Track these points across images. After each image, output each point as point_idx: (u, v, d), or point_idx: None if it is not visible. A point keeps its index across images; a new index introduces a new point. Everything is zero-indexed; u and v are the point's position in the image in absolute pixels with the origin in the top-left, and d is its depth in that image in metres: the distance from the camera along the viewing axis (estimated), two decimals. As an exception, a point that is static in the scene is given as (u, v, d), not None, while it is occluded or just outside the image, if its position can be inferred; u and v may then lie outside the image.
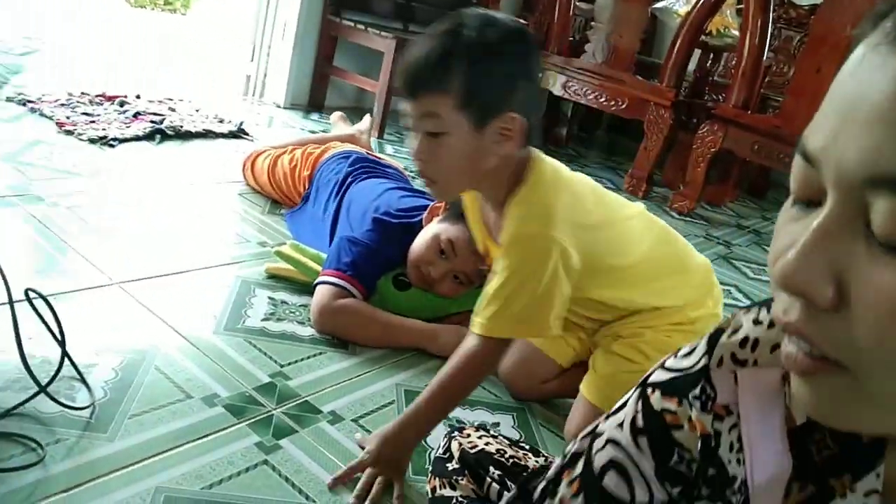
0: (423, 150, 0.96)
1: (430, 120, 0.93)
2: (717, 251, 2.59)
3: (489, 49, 0.91)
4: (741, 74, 2.86)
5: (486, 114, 0.93)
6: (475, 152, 0.95)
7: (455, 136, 0.93)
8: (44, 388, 0.98)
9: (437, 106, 0.92)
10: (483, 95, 0.92)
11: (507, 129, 0.94)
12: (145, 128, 2.28)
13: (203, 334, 1.27)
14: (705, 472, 0.48)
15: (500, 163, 0.98)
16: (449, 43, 0.92)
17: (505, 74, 0.93)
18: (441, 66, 0.91)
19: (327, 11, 3.22)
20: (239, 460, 0.99)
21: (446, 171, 0.97)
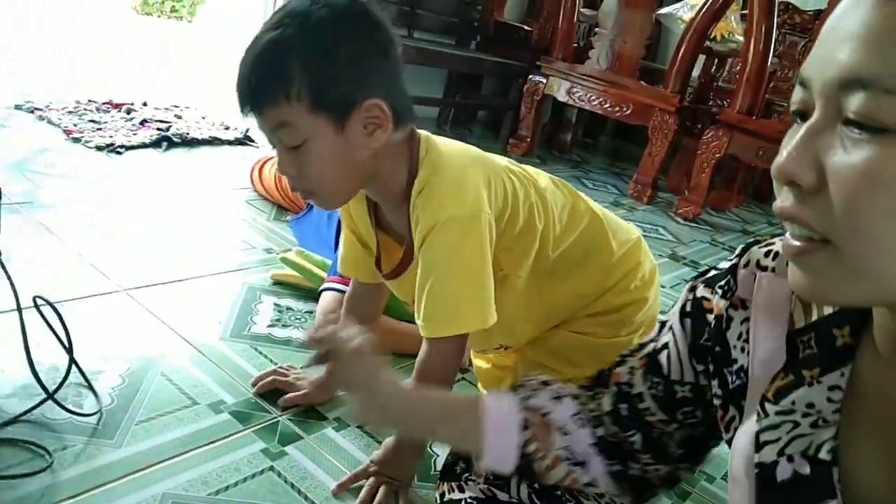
0: (289, 163, 0.86)
1: (285, 130, 0.84)
2: (723, 256, 2.59)
3: (324, 34, 0.81)
4: (746, 80, 2.87)
5: (343, 110, 0.83)
6: (345, 152, 0.85)
7: (316, 141, 0.83)
8: (51, 395, 0.99)
9: (286, 115, 0.82)
10: (333, 91, 0.82)
11: (372, 118, 0.85)
12: (152, 135, 2.29)
13: (209, 341, 1.27)
14: (713, 347, 0.60)
15: (379, 154, 0.88)
16: (279, 43, 0.81)
17: (350, 60, 0.82)
18: (277, 73, 0.81)
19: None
20: (245, 467, 0.99)
21: (321, 180, 0.88)
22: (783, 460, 0.50)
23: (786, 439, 0.50)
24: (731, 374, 0.58)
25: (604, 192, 3.21)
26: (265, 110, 0.83)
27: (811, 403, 0.50)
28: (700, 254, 2.55)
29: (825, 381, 0.50)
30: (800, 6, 3.92)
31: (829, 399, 0.49)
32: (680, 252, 2.52)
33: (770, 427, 0.51)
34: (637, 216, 2.89)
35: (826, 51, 0.42)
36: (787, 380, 0.52)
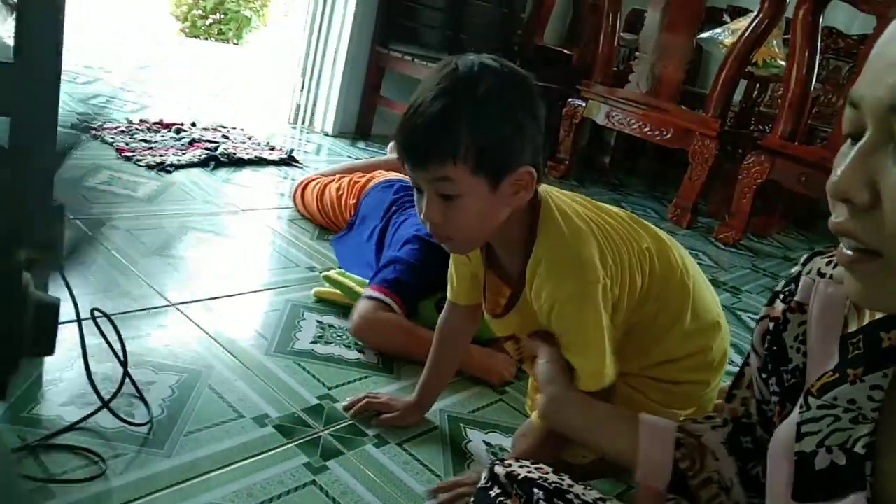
0: (438, 211, 0.91)
1: (444, 183, 0.89)
2: (764, 283, 2.56)
3: (492, 105, 0.88)
4: (788, 105, 2.84)
5: (501, 173, 0.89)
6: (491, 209, 0.92)
7: (470, 198, 0.90)
8: (106, 404, 1.03)
9: (450, 172, 0.88)
10: (495, 156, 0.88)
11: (522, 182, 0.92)
12: (200, 154, 2.36)
13: (254, 355, 1.31)
14: (771, 348, 0.64)
15: (517, 209, 0.96)
16: (450, 105, 0.87)
17: (513, 128, 0.89)
18: (448, 135, 0.87)
19: (376, 43, 3.30)
20: (288, 480, 1.02)
21: (464, 230, 0.94)
22: (822, 451, 0.53)
23: (826, 432, 0.54)
24: (787, 372, 0.62)
25: (643, 215, 3.18)
26: (430, 167, 0.89)
27: (853, 400, 0.53)
28: (741, 280, 2.53)
29: (868, 381, 0.53)
30: (844, 31, 3.88)
31: (871, 398, 0.52)
32: (720, 278, 2.50)
33: (811, 420, 0.55)
34: (676, 240, 2.86)
35: (875, 74, 0.45)
36: (833, 377, 0.55)
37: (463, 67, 0.89)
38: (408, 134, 0.90)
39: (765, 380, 0.66)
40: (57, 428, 1.00)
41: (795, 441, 0.55)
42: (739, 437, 0.72)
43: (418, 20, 3.44)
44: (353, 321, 1.43)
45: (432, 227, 0.94)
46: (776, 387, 0.64)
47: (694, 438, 0.73)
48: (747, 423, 0.72)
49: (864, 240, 0.46)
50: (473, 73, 0.88)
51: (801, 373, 0.61)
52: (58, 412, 1.04)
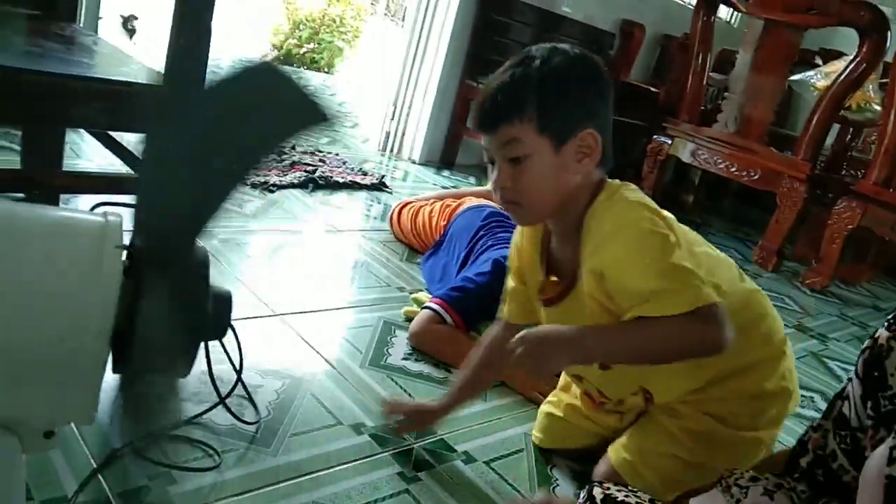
0: (507, 176, 0.98)
1: (513, 145, 0.96)
2: (853, 332, 2.49)
3: (559, 73, 0.96)
4: (884, 151, 2.78)
5: (565, 132, 0.96)
6: (558, 171, 0.97)
7: (538, 157, 0.96)
8: (223, 400, 1.12)
9: (517, 132, 0.95)
10: (559, 116, 0.95)
11: (585, 147, 0.97)
12: (300, 176, 2.49)
13: (350, 367, 1.38)
14: (871, 373, 0.65)
15: (580, 182, 0.99)
16: (519, 73, 0.96)
17: (577, 95, 0.97)
18: (516, 96, 0.95)
19: (465, 76, 3.40)
20: (384, 486, 1.07)
21: (532, 193, 0.98)
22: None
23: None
24: (885, 398, 0.65)
25: (725, 256, 3.16)
26: (500, 127, 0.96)
27: None
28: (828, 327, 2.47)
29: None
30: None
31: None
32: (807, 323, 2.45)
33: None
34: (761, 283, 2.82)
35: None
36: None
37: (535, 49, 0.98)
38: (480, 102, 0.98)
39: (863, 405, 0.68)
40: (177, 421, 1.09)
41: (887, 465, 0.57)
42: (814, 469, 0.74)
43: (508, 55, 3.51)
44: (410, 328, 1.54)
45: (503, 195, 1.00)
46: (871, 411, 0.66)
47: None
48: (821, 456, 0.73)
49: None
50: (542, 51, 0.97)
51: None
52: (176, 407, 1.13)
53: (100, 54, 1.28)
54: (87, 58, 1.25)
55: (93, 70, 1.18)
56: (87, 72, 1.14)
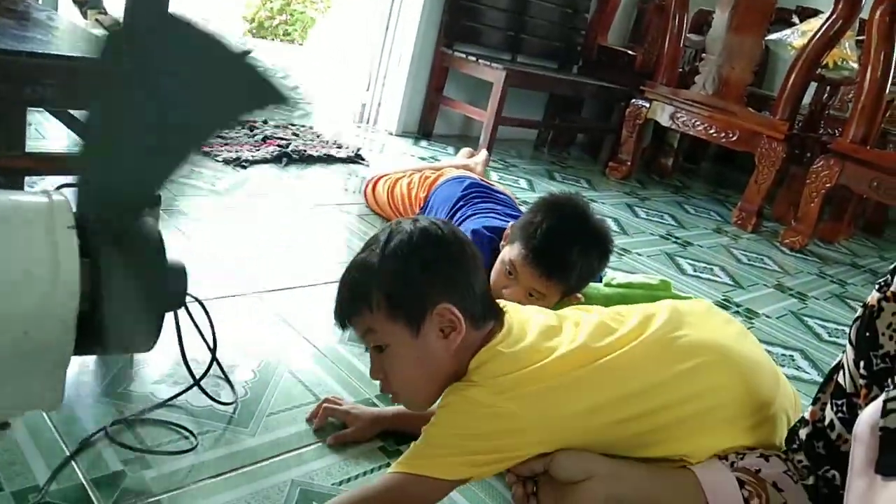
0: (377, 367, 0.98)
1: (370, 335, 0.95)
2: (831, 290, 2.51)
3: (397, 256, 0.93)
4: (860, 108, 2.78)
5: (417, 315, 0.92)
6: (424, 355, 0.94)
7: (397, 345, 0.93)
8: (197, 382, 1.10)
9: (370, 322, 0.94)
10: (406, 300, 0.92)
11: (446, 323, 0.93)
12: (273, 151, 2.45)
13: (329, 343, 1.37)
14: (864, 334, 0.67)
15: (459, 354, 0.94)
16: (361, 264, 0.96)
17: (420, 274, 0.93)
18: (360, 288, 0.94)
19: (441, 44, 3.35)
20: (364, 461, 1.07)
21: (404, 381, 0.97)
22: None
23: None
24: (877, 357, 0.66)
25: (706, 218, 3.17)
26: (352, 320, 0.96)
27: None
28: (807, 286, 2.49)
29: None
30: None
31: None
32: (786, 283, 2.46)
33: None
34: (741, 244, 2.84)
35: None
36: None
37: (380, 231, 0.98)
38: (336, 302, 0.98)
39: (856, 367, 0.68)
40: (151, 404, 1.07)
41: (881, 417, 0.57)
42: (814, 441, 0.74)
43: (482, 21, 3.47)
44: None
45: (382, 387, 1.00)
46: (864, 370, 0.67)
47: (751, 475, 0.74)
48: (821, 428, 0.74)
49: None
50: (384, 233, 0.96)
51: (892, 359, 0.64)
52: (150, 389, 1.11)
53: (56, 30, 1.24)
54: (43, 34, 1.20)
55: (48, 47, 1.13)
56: (41, 48, 1.09)
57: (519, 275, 1.43)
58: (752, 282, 2.38)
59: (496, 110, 3.16)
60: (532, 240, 1.39)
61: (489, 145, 3.14)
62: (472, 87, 3.47)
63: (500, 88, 3.14)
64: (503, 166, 3.21)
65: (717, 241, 2.80)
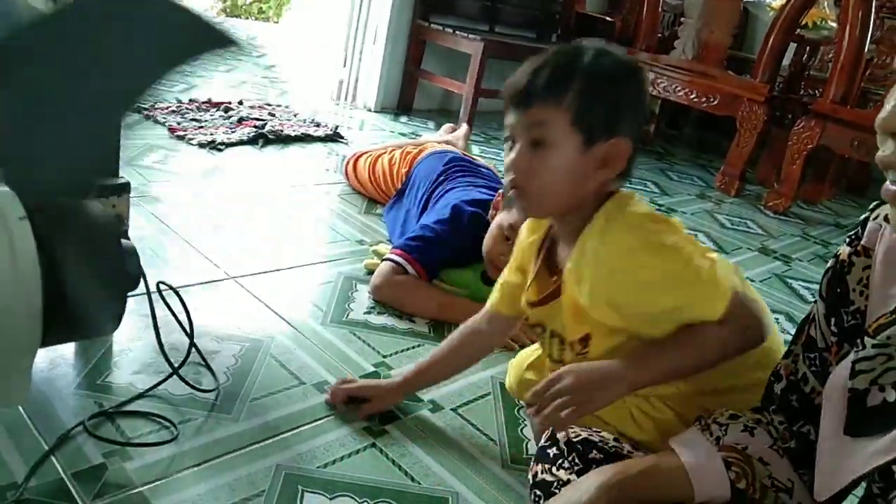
0: (524, 160, 0.91)
1: (541, 128, 0.90)
2: (815, 251, 2.52)
3: (605, 73, 0.91)
4: (840, 68, 2.77)
5: (598, 133, 0.90)
6: (577, 171, 0.91)
7: (562, 149, 0.90)
8: (176, 371, 1.08)
9: (550, 117, 0.89)
10: (598, 115, 0.90)
11: (613, 155, 0.91)
12: (249, 132, 2.41)
13: (311, 325, 1.35)
14: (834, 290, 0.66)
15: (595, 189, 0.94)
16: (567, 61, 0.91)
17: (620, 101, 0.92)
18: (560, 80, 0.90)
19: (416, 16, 3.30)
20: (349, 442, 1.06)
21: (544, 184, 0.92)
22: (874, 388, 0.55)
23: (879, 370, 0.56)
24: (848, 314, 0.65)
25: (689, 184, 3.16)
26: (534, 106, 0.90)
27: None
28: (791, 248, 2.49)
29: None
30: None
31: None
32: (770, 245, 2.46)
33: (865, 358, 0.57)
34: (725, 209, 2.84)
35: None
36: (889, 318, 0.57)
37: (586, 44, 0.94)
38: (519, 76, 0.92)
39: (827, 323, 0.67)
40: (130, 395, 1.06)
41: (849, 378, 0.57)
42: (788, 395, 0.73)
43: (458, -8, 3.42)
44: (371, 282, 1.51)
45: (513, 179, 0.93)
46: (835, 327, 0.66)
47: (738, 453, 0.73)
48: (794, 381, 0.73)
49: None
50: (594, 49, 0.92)
51: (862, 315, 0.63)
52: (129, 380, 1.10)
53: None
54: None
55: None
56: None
57: None
58: (736, 246, 2.38)
59: (475, 82, 3.13)
60: None
61: (469, 118, 3.11)
62: (450, 59, 3.42)
63: (479, 60, 3.10)
64: (485, 139, 3.18)
65: (700, 206, 2.80)
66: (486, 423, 1.17)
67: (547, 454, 0.92)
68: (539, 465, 0.93)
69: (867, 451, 0.54)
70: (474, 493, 1.01)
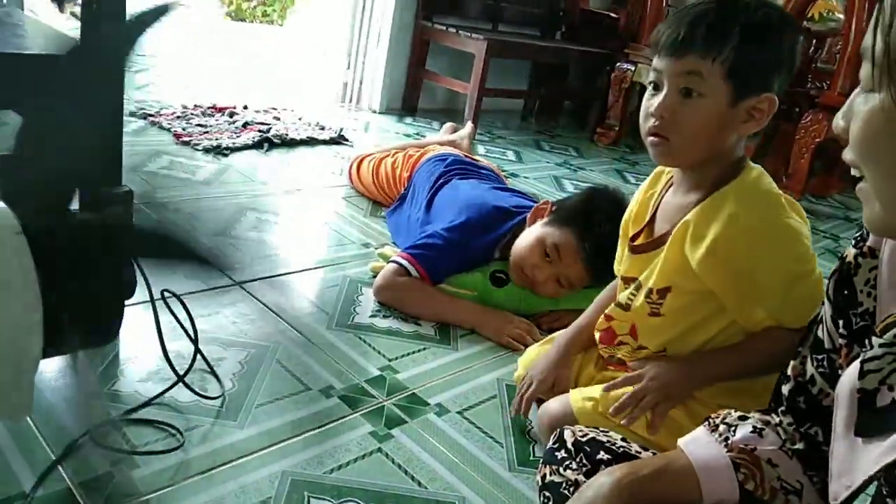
0: (671, 106, 0.93)
1: (692, 78, 0.91)
2: (825, 245, 2.50)
3: (765, 27, 0.91)
4: (847, 60, 2.75)
5: (750, 88, 0.92)
6: (722, 123, 0.93)
7: (711, 101, 0.92)
8: (181, 378, 1.08)
9: (704, 68, 0.91)
10: (753, 69, 0.91)
11: (759, 111, 0.93)
12: (254, 137, 2.42)
13: (317, 330, 1.35)
14: (842, 291, 0.66)
15: (733, 143, 0.96)
16: (728, 11, 0.91)
17: (773, 56, 0.93)
18: (719, 31, 0.90)
19: (419, 17, 3.30)
20: (355, 448, 1.06)
21: (688, 135, 0.94)
22: (884, 388, 0.55)
23: (887, 370, 0.55)
24: (856, 315, 0.64)
25: (696, 180, 3.14)
26: (688, 55, 0.91)
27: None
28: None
29: None
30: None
31: None
32: (778, 240, 2.44)
33: (873, 358, 0.56)
34: (731, 204, 2.81)
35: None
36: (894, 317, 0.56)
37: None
38: (676, 21, 0.92)
39: (835, 326, 0.67)
40: (137, 403, 1.06)
41: (858, 379, 0.56)
42: (796, 396, 0.73)
43: (461, -9, 3.41)
44: (374, 286, 1.51)
45: (655, 126, 0.95)
46: (844, 329, 0.65)
47: (747, 454, 0.73)
48: (801, 383, 0.72)
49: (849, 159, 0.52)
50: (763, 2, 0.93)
51: (871, 316, 0.62)
52: (136, 388, 1.10)
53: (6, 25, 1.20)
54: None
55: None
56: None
57: (561, 263, 1.45)
58: (744, 242, 2.36)
59: (479, 82, 3.12)
60: (591, 238, 1.40)
61: (474, 118, 3.11)
62: (454, 59, 3.42)
63: (483, 59, 3.09)
64: (490, 138, 3.17)
65: (708, 202, 2.78)
66: (492, 426, 1.17)
67: (555, 456, 0.91)
68: (547, 467, 0.92)
69: (877, 451, 0.53)
70: (481, 497, 1.01)
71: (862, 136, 0.51)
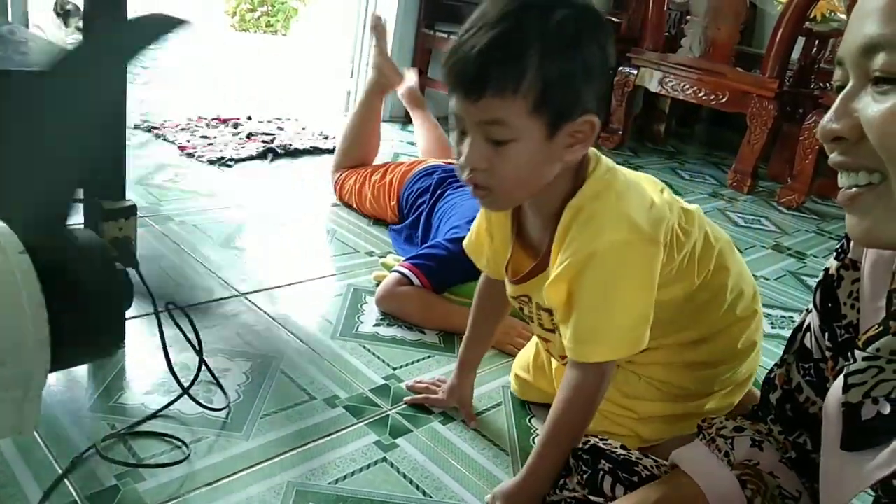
0: (482, 157, 0.80)
1: (496, 127, 0.78)
2: (830, 246, 2.49)
3: (566, 39, 0.76)
4: (850, 60, 2.73)
5: (564, 116, 0.79)
6: (544, 159, 0.81)
7: (524, 143, 0.79)
8: (186, 391, 1.09)
9: (505, 111, 0.77)
10: (562, 94, 0.77)
11: (580, 134, 0.81)
12: (258, 147, 2.43)
13: (321, 340, 1.35)
14: (826, 304, 0.66)
15: (563, 168, 0.85)
16: (517, 28, 0.75)
17: (583, 68, 0.78)
18: (512, 62, 0.75)
19: (421, 25, 3.31)
20: (360, 458, 1.06)
21: (508, 182, 0.82)
22: (868, 402, 0.55)
23: (871, 383, 0.55)
24: (840, 328, 0.64)
25: (701, 182, 3.14)
26: (484, 98, 0.77)
27: (894, 351, 0.55)
28: (806, 244, 2.46)
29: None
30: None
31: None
32: (784, 242, 2.44)
33: (857, 371, 0.56)
34: (738, 207, 2.81)
35: (851, 27, 0.51)
36: (877, 330, 0.57)
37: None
38: (461, 58, 0.77)
39: (822, 335, 0.67)
40: (142, 416, 1.06)
41: (843, 392, 0.56)
42: (783, 404, 0.73)
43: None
44: (376, 295, 1.50)
45: (471, 176, 0.82)
46: (828, 342, 0.65)
47: (750, 469, 0.72)
48: (788, 390, 0.72)
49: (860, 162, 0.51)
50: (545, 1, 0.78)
51: (855, 329, 0.62)
52: (141, 400, 1.11)
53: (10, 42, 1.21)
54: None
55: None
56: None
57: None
58: (750, 244, 2.36)
59: (482, 89, 3.12)
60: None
61: (477, 125, 3.11)
62: (456, 66, 3.42)
63: (485, 66, 3.09)
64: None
65: (713, 205, 2.78)
66: (497, 434, 1.17)
67: None
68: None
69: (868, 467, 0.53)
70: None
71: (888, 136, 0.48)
